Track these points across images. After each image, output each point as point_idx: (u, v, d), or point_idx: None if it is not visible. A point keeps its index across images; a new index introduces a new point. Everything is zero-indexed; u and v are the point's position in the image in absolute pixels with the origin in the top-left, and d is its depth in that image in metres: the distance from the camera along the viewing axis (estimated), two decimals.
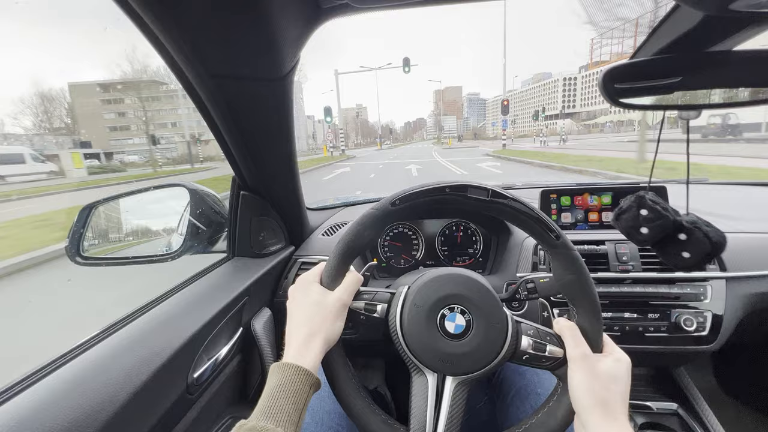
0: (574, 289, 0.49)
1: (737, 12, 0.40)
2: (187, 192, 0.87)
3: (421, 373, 0.49)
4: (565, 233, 0.49)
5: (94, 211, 0.78)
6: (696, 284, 0.88)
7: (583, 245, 0.93)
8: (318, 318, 0.48)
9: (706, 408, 0.98)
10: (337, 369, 0.50)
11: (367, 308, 0.51)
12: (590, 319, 0.49)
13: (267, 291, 0.94)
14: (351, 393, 0.49)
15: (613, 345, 0.50)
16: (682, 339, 0.87)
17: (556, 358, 0.48)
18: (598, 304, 0.49)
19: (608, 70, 0.57)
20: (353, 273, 0.53)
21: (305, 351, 0.45)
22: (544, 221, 0.48)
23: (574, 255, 0.49)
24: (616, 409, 0.43)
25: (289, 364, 0.43)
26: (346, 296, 0.50)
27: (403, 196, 0.50)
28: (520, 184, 1.43)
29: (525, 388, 0.71)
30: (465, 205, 0.50)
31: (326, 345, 0.48)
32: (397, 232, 1.13)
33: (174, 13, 0.48)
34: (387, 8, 0.58)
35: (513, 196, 0.49)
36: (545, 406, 0.50)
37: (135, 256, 0.82)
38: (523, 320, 0.52)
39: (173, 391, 0.56)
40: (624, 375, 0.46)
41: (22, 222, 6.69)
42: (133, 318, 0.63)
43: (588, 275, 0.49)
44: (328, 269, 0.52)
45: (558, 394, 0.49)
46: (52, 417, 0.41)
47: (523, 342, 0.49)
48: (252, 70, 0.62)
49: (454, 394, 0.47)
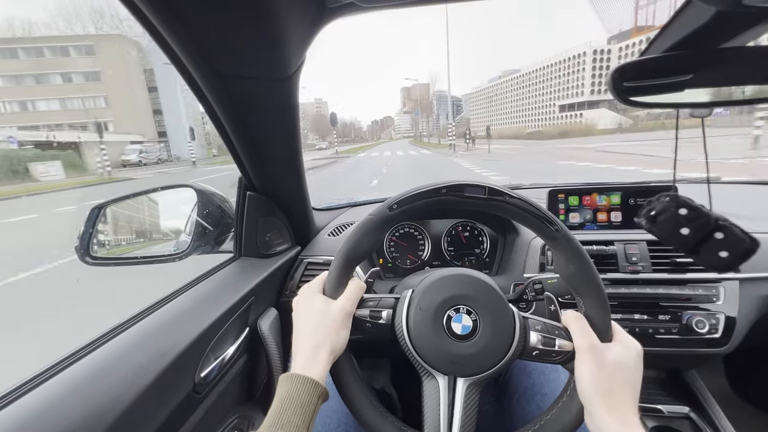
0: (578, 280, 0.49)
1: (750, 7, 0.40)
2: (195, 193, 0.87)
3: (432, 377, 0.48)
4: (572, 233, 0.49)
5: (104, 211, 0.79)
6: (708, 285, 0.87)
7: (592, 245, 0.92)
8: (322, 328, 0.47)
9: (718, 412, 0.96)
10: (346, 378, 0.50)
11: (372, 315, 0.51)
12: (597, 309, 0.48)
13: (273, 291, 0.94)
14: (362, 402, 0.49)
15: (622, 332, 0.49)
16: (694, 341, 0.86)
17: (566, 352, 0.48)
18: (604, 293, 0.48)
19: (618, 67, 0.56)
20: (356, 281, 0.52)
21: (312, 362, 0.45)
22: (543, 214, 0.48)
23: (576, 245, 0.48)
24: (623, 402, 0.43)
25: (297, 375, 0.44)
26: (350, 305, 0.50)
27: (401, 200, 0.49)
28: (527, 184, 1.41)
29: (531, 389, 0.70)
30: (463, 204, 0.49)
31: (332, 355, 0.47)
32: (403, 233, 1.12)
33: (180, 13, 0.48)
34: (392, 7, 0.58)
35: (510, 192, 0.48)
36: (559, 401, 0.49)
37: (143, 256, 0.83)
38: (530, 316, 0.51)
39: (180, 391, 0.57)
40: (632, 362, 0.45)
41: None
42: (140, 318, 0.63)
43: (591, 265, 0.48)
44: (330, 279, 0.51)
45: (571, 388, 0.48)
46: (61, 416, 0.41)
47: (531, 338, 0.48)
48: (258, 70, 0.62)
49: (466, 396, 0.47)
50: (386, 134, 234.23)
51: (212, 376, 0.64)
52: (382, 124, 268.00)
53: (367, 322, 0.51)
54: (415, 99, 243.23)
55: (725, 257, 0.55)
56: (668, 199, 0.58)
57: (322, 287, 0.52)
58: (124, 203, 0.86)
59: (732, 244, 0.54)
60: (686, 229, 0.56)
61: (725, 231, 0.54)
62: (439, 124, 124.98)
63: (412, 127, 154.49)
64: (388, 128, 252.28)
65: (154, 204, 0.94)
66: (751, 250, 0.54)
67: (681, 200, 0.57)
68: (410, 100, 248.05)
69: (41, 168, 17.29)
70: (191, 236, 0.86)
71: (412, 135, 79.39)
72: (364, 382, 0.52)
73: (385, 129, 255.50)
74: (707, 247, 0.56)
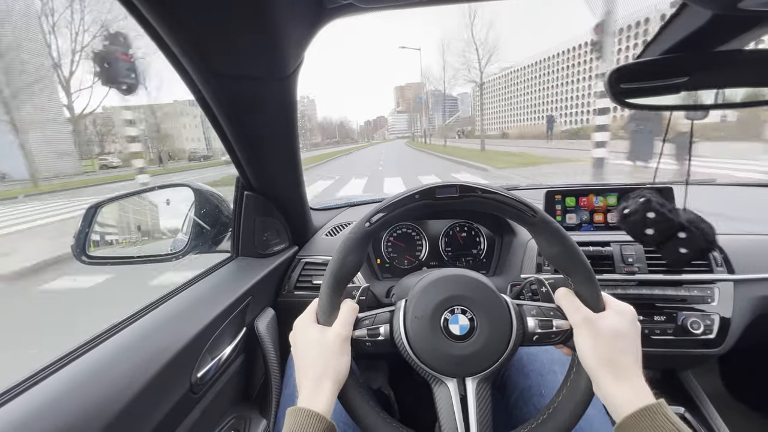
0: (563, 259, 0.49)
1: (746, 11, 0.40)
2: (192, 192, 0.87)
3: (441, 383, 0.48)
4: (569, 234, 0.49)
5: (100, 210, 0.79)
6: (703, 286, 0.87)
7: (588, 246, 0.92)
8: (321, 358, 0.47)
9: (713, 412, 0.97)
10: (356, 406, 0.49)
11: (371, 333, 0.50)
12: (585, 283, 0.48)
13: (271, 291, 0.94)
14: (375, 422, 0.48)
15: (612, 300, 0.49)
16: (689, 342, 0.86)
17: (564, 330, 0.48)
18: (589, 266, 0.48)
19: (615, 69, 0.57)
20: (348, 303, 0.52)
21: (316, 394, 0.45)
22: (517, 201, 0.48)
23: (555, 227, 0.49)
24: (626, 368, 0.43)
25: (302, 409, 0.43)
26: (345, 329, 0.49)
27: (376, 213, 0.50)
28: (524, 185, 1.42)
29: (529, 390, 0.70)
30: (440, 206, 0.49)
31: (336, 384, 0.47)
32: (400, 233, 1.13)
33: (178, 13, 0.48)
34: (391, 8, 0.58)
35: (481, 186, 0.49)
36: (567, 381, 0.49)
37: (139, 256, 0.83)
38: (523, 302, 0.52)
39: (177, 391, 0.56)
40: (627, 327, 0.46)
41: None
42: (137, 317, 0.63)
43: (573, 243, 0.49)
44: (321, 306, 0.51)
45: (576, 365, 0.49)
46: (57, 415, 0.41)
47: (529, 323, 0.49)
48: (256, 70, 0.62)
49: (478, 394, 0.47)
50: (380, 135, 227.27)
51: (209, 376, 0.64)
52: (375, 124, 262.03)
53: (366, 341, 0.50)
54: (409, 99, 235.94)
55: (685, 253, 0.63)
56: (641, 201, 0.64)
57: (314, 316, 0.52)
58: (121, 202, 0.85)
59: (691, 243, 0.62)
60: (651, 230, 0.63)
61: (688, 232, 0.62)
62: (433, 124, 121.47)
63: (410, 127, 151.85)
64: (382, 128, 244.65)
65: (151, 203, 0.94)
66: (707, 250, 0.63)
67: (651, 204, 0.63)
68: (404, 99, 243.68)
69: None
70: (188, 235, 0.86)
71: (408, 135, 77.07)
72: (374, 400, 0.51)
73: (379, 129, 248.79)
74: (671, 244, 0.63)
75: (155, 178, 9.22)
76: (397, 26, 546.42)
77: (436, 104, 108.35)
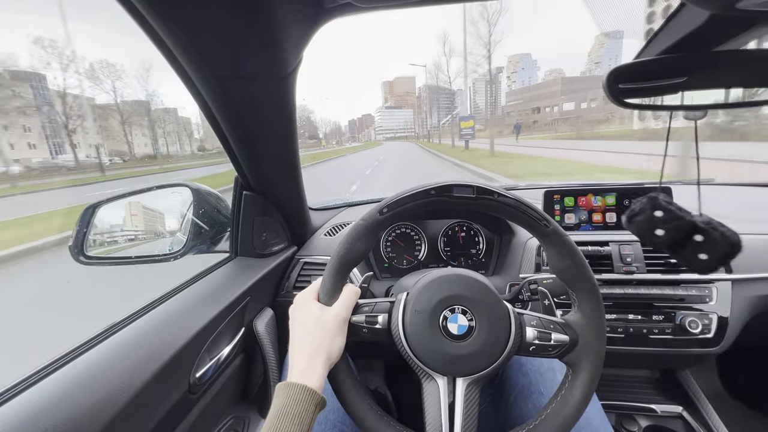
0: (571, 275, 0.49)
1: (744, 11, 0.40)
2: (190, 192, 0.87)
3: (431, 379, 0.49)
4: (568, 233, 0.49)
5: (98, 210, 0.78)
6: (701, 286, 0.88)
7: (587, 246, 0.92)
8: (318, 336, 0.47)
9: (711, 411, 0.97)
10: (344, 385, 0.50)
11: (369, 320, 0.51)
12: (589, 301, 0.49)
13: (269, 291, 0.94)
14: (361, 408, 0.49)
15: None
16: (687, 341, 0.86)
17: (562, 345, 0.48)
18: (596, 285, 0.49)
19: (613, 69, 0.57)
20: (350, 287, 0.52)
21: (309, 370, 0.45)
22: (532, 211, 0.48)
23: (567, 241, 0.49)
24: None
25: (294, 383, 0.43)
26: (345, 311, 0.50)
27: (390, 204, 0.50)
28: (523, 185, 1.42)
29: (528, 388, 0.70)
30: (454, 204, 0.49)
31: (329, 362, 0.47)
32: (399, 233, 1.13)
33: (177, 13, 0.48)
34: (390, 8, 0.58)
35: (499, 190, 0.49)
36: (557, 395, 0.50)
37: (138, 256, 0.82)
38: (525, 312, 0.51)
39: (176, 391, 0.56)
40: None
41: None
42: (135, 317, 0.63)
43: (583, 259, 0.49)
44: (324, 285, 0.51)
45: (569, 380, 0.49)
46: (55, 416, 0.41)
47: (528, 333, 0.49)
48: (255, 69, 0.62)
49: (466, 395, 0.47)
50: (365, 135, 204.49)
51: (207, 377, 0.64)
52: (361, 123, 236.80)
53: (363, 327, 0.51)
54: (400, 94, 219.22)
55: (705, 259, 0.56)
56: (646, 200, 0.59)
57: (316, 294, 0.52)
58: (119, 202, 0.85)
59: (711, 247, 0.56)
60: (661, 230, 0.57)
61: (705, 234, 0.56)
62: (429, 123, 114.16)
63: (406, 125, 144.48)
64: (368, 128, 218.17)
65: (150, 203, 0.93)
66: (731, 254, 0.55)
67: (657, 202, 0.58)
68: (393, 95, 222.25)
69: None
70: (187, 235, 0.86)
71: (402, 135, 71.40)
72: (363, 386, 0.52)
73: (364, 129, 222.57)
74: (688, 248, 0.57)
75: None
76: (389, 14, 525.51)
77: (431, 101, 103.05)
